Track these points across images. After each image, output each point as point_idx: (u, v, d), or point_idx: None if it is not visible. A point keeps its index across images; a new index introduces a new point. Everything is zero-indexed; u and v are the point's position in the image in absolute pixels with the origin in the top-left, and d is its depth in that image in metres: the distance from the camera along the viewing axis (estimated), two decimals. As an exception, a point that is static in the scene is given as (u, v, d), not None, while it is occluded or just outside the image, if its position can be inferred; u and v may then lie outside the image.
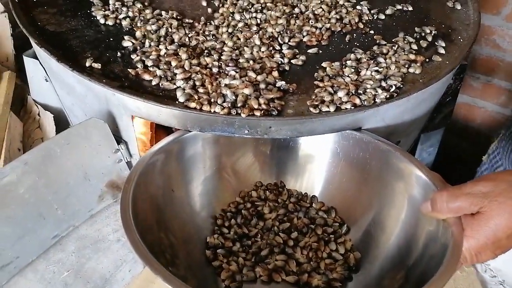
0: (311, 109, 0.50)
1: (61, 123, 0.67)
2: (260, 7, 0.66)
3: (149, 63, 0.53)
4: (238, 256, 0.53)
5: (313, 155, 0.59)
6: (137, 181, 0.46)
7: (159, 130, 0.61)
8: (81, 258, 0.58)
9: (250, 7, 0.65)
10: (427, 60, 0.59)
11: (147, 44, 0.56)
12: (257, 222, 0.56)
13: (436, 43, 0.62)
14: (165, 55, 0.55)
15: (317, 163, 0.59)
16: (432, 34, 0.63)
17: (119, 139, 0.57)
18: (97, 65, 0.52)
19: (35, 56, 0.62)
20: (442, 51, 0.60)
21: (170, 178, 0.52)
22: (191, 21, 0.62)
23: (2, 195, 0.47)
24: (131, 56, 0.55)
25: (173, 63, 0.54)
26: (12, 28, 0.71)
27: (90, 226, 0.61)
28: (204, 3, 0.67)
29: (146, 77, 0.52)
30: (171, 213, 0.52)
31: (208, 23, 0.62)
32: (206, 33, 0.60)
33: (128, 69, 0.53)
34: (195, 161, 0.55)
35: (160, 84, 0.51)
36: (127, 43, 0.56)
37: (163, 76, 0.52)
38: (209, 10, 0.66)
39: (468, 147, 1.17)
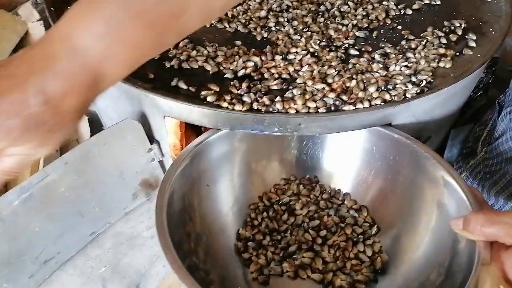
0: (341, 105, 0.50)
1: (95, 125, 0.69)
2: (286, 6, 0.66)
3: (182, 64, 0.55)
4: (267, 249, 0.54)
5: (348, 152, 0.58)
6: (172, 184, 0.47)
7: (188, 129, 0.63)
8: (117, 254, 0.60)
9: (276, 6, 0.66)
10: (457, 54, 0.58)
11: (181, 44, 0.58)
12: (288, 218, 0.56)
13: (466, 36, 0.60)
14: (196, 56, 0.56)
15: (352, 161, 0.59)
16: (462, 27, 0.62)
17: (151, 139, 0.59)
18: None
19: (70, 61, 0.65)
20: (473, 44, 0.59)
21: (204, 175, 0.54)
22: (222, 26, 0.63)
23: (45, 193, 0.49)
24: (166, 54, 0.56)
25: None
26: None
27: (125, 224, 0.63)
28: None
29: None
30: (205, 208, 0.53)
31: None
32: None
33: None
34: (228, 158, 0.56)
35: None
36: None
37: (194, 77, 0.53)
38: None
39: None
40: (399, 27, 0.63)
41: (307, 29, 0.62)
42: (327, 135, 0.58)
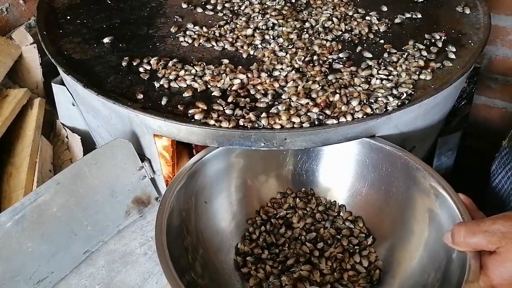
0: (325, 119, 0.51)
1: (88, 144, 0.71)
2: (271, 24, 0.68)
3: (171, 83, 0.56)
4: (265, 263, 0.54)
5: (342, 165, 0.60)
6: (172, 202, 0.48)
7: (179, 146, 0.64)
8: (110, 272, 0.61)
9: (262, 24, 0.68)
10: (437, 66, 0.59)
11: (170, 64, 0.59)
12: (285, 231, 0.57)
13: (446, 48, 0.62)
14: (184, 75, 0.58)
15: (346, 173, 0.60)
16: (442, 39, 0.64)
17: (142, 157, 0.60)
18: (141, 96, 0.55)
19: (62, 83, 0.66)
20: (452, 56, 0.61)
21: (202, 192, 0.55)
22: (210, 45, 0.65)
23: (38, 214, 0.50)
24: (153, 77, 0.58)
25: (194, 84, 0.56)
26: (39, 57, 0.76)
27: (118, 241, 0.64)
28: (222, 22, 0.69)
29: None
30: (204, 224, 0.54)
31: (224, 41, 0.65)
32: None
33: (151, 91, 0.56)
34: (225, 174, 0.57)
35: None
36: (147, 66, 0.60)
37: (181, 96, 0.55)
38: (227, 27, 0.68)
39: (488, 148, 1.15)
40: (382, 41, 0.65)
41: (292, 45, 0.64)
42: (321, 148, 0.59)
